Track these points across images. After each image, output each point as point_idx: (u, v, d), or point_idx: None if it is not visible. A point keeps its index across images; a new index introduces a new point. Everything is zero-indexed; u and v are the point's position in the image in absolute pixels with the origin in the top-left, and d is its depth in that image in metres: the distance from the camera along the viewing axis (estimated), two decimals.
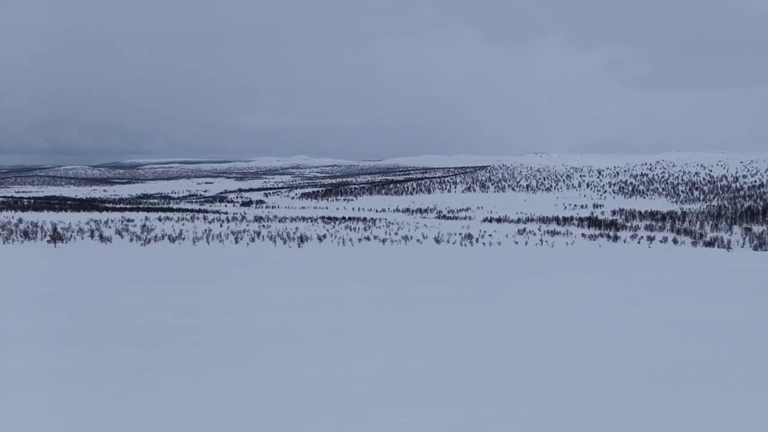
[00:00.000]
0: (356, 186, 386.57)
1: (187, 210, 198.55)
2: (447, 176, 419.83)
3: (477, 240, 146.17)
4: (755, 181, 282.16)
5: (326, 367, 7.62)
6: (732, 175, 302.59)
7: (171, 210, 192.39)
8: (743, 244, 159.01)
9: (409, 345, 9.04)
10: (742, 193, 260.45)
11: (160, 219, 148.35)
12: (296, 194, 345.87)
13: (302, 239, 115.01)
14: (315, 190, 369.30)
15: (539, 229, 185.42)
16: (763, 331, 10.71)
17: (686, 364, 7.75)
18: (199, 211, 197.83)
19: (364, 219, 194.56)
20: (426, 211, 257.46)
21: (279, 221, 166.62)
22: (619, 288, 19.05)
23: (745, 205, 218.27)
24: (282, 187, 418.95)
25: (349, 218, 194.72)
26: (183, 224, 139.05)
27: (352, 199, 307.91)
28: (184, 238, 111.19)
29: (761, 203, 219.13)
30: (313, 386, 6.76)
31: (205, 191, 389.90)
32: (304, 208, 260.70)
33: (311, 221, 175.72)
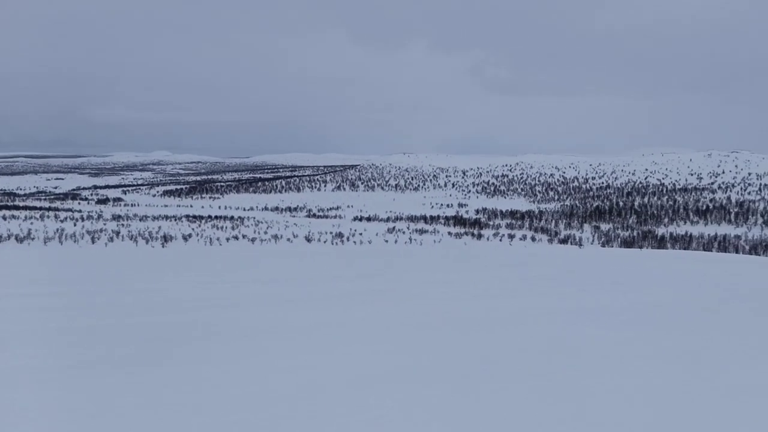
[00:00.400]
0: (223, 184, 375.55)
1: (35, 208, 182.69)
2: (317, 175, 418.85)
3: (348, 238, 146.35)
4: (603, 183, 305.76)
5: (270, 365, 7.55)
6: (583, 177, 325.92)
7: (17, 208, 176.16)
8: (593, 240, 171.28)
9: (340, 338, 9.31)
10: (591, 193, 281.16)
11: (4, 218, 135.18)
12: (158, 192, 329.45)
13: (166, 238, 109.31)
14: (178, 187, 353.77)
15: (408, 228, 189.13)
16: (633, 315, 11.94)
17: (586, 343, 8.86)
18: (49, 209, 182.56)
19: (232, 218, 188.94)
20: (296, 209, 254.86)
21: (140, 220, 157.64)
22: (502, 282, 19.16)
23: (594, 205, 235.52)
24: (142, 184, 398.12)
25: (216, 217, 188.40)
26: (32, 223, 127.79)
27: (218, 197, 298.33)
28: (33, 238, 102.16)
29: (608, 203, 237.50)
30: (240, 386, 6.62)
31: (56, 188, 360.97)
32: (166, 206, 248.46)
33: (175, 220, 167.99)
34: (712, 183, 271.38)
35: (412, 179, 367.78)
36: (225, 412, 5.74)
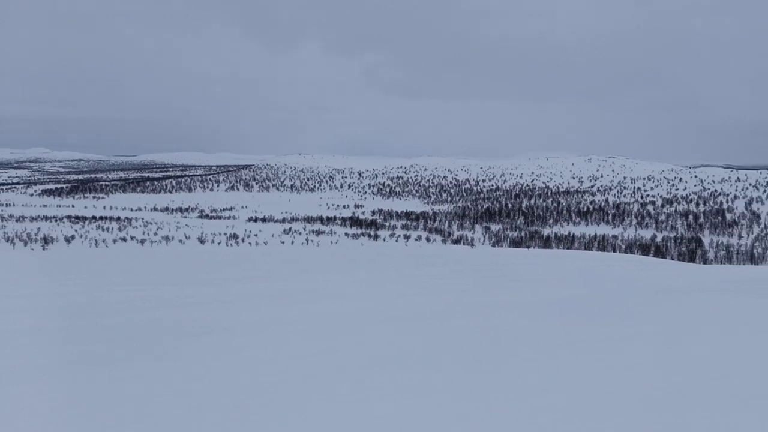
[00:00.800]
0: (107, 183, 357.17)
1: None
2: (209, 174, 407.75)
3: (243, 240, 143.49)
4: (493, 185, 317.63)
5: (234, 365, 7.36)
6: (474, 179, 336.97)
7: None
8: (483, 241, 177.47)
9: (290, 334, 9.39)
10: (482, 195, 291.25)
11: None
12: (36, 191, 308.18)
13: (47, 240, 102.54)
14: (59, 186, 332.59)
15: (305, 229, 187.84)
16: (551, 308, 12.54)
17: (519, 331, 9.45)
18: None
19: (119, 218, 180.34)
20: (187, 210, 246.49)
21: (17, 221, 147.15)
22: (418, 279, 19.40)
23: (485, 206, 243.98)
24: (18, 183, 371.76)
25: (101, 217, 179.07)
26: None
27: (103, 197, 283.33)
28: None
29: (497, 205, 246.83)
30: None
31: None
32: (46, 206, 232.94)
33: (56, 221, 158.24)
34: (592, 186, 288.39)
35: (308, 180, 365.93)
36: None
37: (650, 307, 12.78)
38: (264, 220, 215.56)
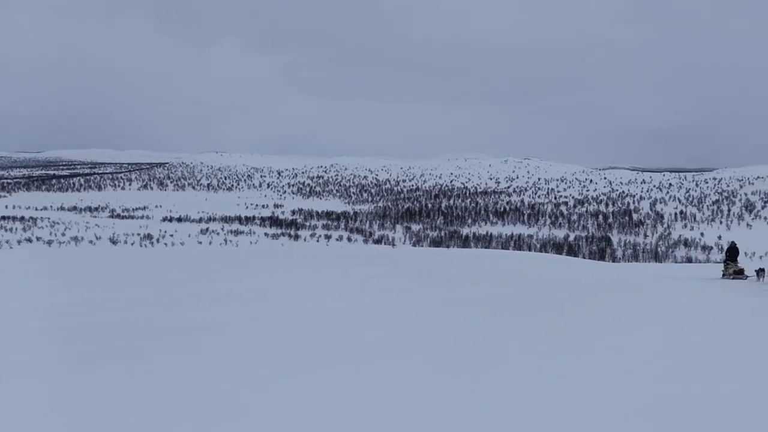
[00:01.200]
0: (10, 180, 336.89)
1: None
2: (120, 172, 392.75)
3: (158, 240, 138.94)
4: (413, 185, 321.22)
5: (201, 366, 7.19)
6: (394, 180, 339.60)
7: None
8: (404, 240, 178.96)
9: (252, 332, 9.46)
10: (402, 195, 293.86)
11: None
12: None
13: None
14: None
15: (223, 229, 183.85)
16: (479, 304, 13.10)
17: (459, 326, 9.95)
18: None
19: (23, 218, 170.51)
20: (97, 209, 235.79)
21: None
22: (352, 280, 19.20)
23: (405, 207, 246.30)
24: None
25: (3, 217, 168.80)
26: None
27: (5, 196, 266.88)
28: None
29: (418, 205, 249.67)
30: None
31: None
32: None
33: None
34: (509, 187, 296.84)
35: (226, 179, 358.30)
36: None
37: (579, 302, 13.40)
38: (180, 219, 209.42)
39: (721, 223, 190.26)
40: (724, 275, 20.71)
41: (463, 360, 7.32)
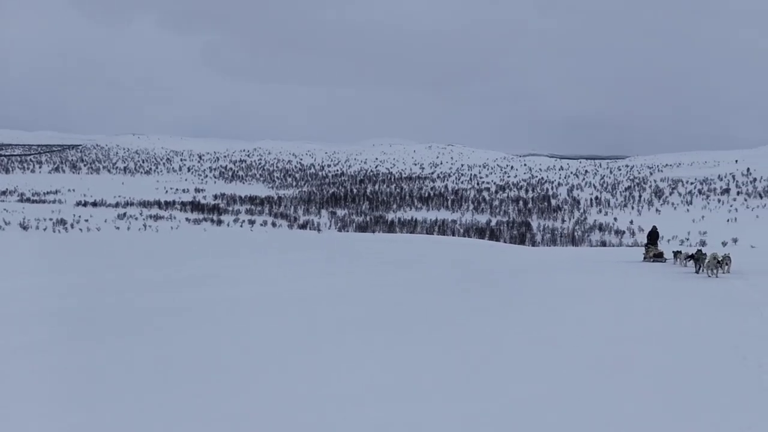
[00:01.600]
0: None
1: None
2: (29, 154, 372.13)
3: (72, 225, 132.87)
4: (338, 170, 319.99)
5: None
6: (319, 164, 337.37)
7: None
8: (330, 226, 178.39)
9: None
10: (327, 180, 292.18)
11: None
12: None
13: None
14: None
15: (141, 214, 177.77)
16: (426, 286, 13.65)
17: (415, 305, 10.63)
18: None
19: None
20: (5, 193, 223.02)
21: None
22: (291, 265, 19.30)
23: (330, 192, 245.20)
24: None
25: None
26: None
27: None
28: None
29: (343, 190, 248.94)
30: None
31: None
32: None
33: None
34: (433, 173, 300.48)
35: (144, 162, 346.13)
36: None
37: (516, 281, 14.43)
38: (95, 204, 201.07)
39: (633, 208, 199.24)
40: (645, 258, 21.52)
41: (445, 336, 8.09)
